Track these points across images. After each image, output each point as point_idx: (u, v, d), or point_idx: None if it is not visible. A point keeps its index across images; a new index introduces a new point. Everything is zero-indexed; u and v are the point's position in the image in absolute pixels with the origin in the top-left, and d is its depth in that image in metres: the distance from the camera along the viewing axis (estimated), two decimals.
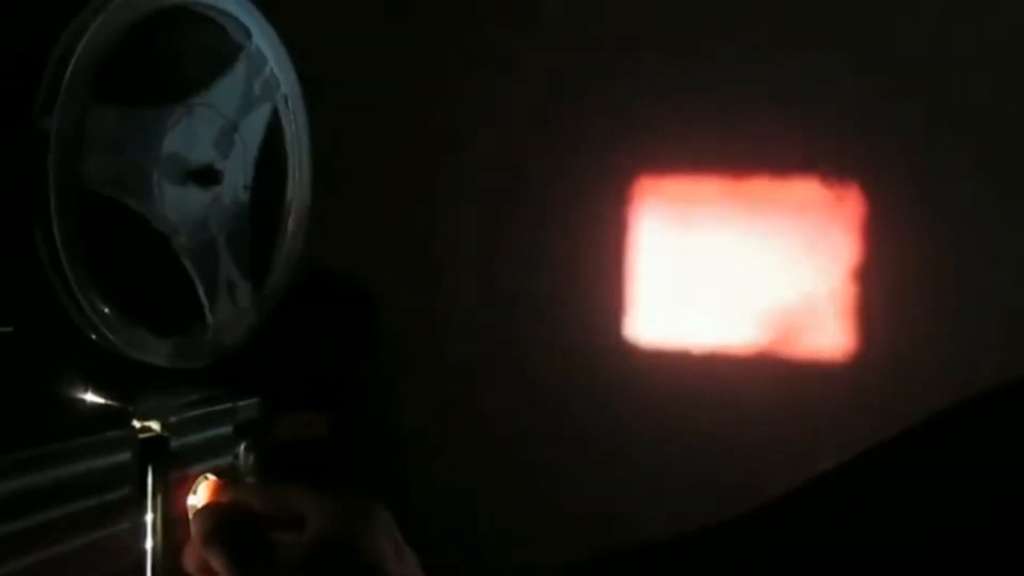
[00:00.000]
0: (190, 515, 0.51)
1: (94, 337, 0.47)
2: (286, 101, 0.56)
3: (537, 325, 1.50)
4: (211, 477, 0.52)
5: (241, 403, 0.54)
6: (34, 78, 0.43)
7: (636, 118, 1.43)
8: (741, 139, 1.38)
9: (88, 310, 0.46)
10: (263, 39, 0.55)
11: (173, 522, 0.49)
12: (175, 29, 0.51)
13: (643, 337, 1.47)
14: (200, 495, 0.51)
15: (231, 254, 0.52)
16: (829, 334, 1.38)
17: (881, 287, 1.35)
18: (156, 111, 0.49)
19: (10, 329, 0.46)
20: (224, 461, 0.53)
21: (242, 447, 0.54)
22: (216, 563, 0.46)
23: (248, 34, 0.55)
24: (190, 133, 0.50)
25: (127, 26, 0.46)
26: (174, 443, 0.49)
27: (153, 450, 0.49)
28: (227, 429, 0.53)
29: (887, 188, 1.34)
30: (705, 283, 1.45)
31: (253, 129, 0.54)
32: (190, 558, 0.48)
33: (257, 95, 0.55)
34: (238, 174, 0.53)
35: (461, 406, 1.52)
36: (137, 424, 0.48)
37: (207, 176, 0.51)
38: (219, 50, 0.54)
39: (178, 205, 0.50)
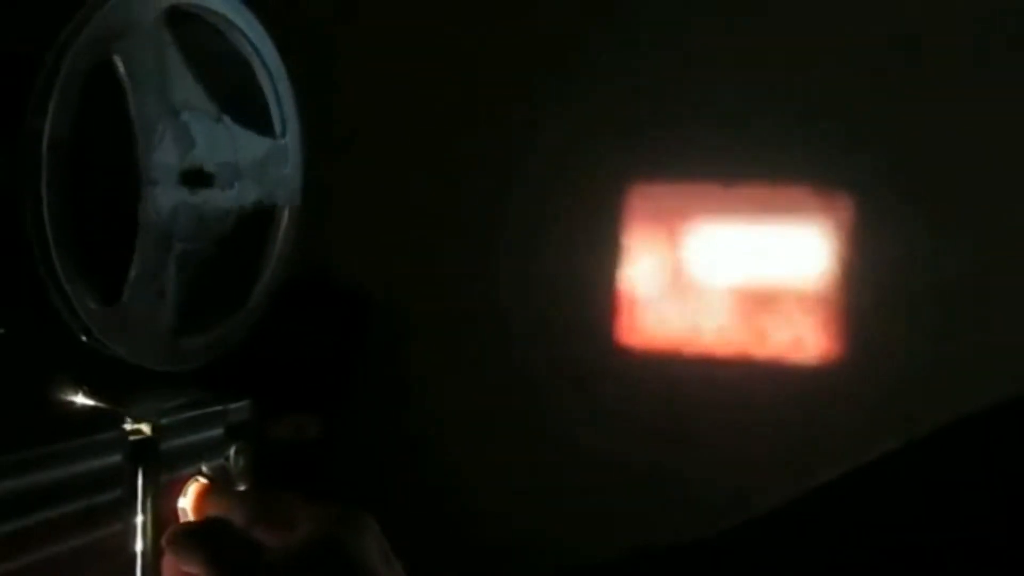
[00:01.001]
0: (181, 518, 0.50)
1: (85, 339, 0.47)
2: (287, 211, 0.57)
3: (531, 326, 1.50)
4: (202, 480, 0.52)
5: (233, 405, 0.54)
6: (29, 78, 0.43)
7: (630, 126, 1.43)
8: (734, 147, 1.39)
9: (80, 312, 0.46)
10: (294, 143, 0.56)
11: (164, 525, 0.49)
12: (232, 61, 0.53)
13: (636, 341, 1.47)
14: (191, 498, 0.51)
15: (177, 273, 0.51)
16: (820, 338, 1.38)
17: (871, 292, 1.36)
18: (194, 81, 0.50)
19: (1, 331, 0.46)
20: (216, 463, 0.53)
21: (233, 449, 0.54)
22: (194, 566, 0.46)
23: (284, 129, 0.56)
24: (207, 132, 0.51)
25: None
26: (165, 445, 0.49)
27: (144, 452, 0.48)
28: (219, 431, 0.53)
29: (878, 196, 1.34)
30: (697, 288, 1.45)
31: (249, 198, 0.54)
32: (167, 572, 0.48)
33: (267, 178, 0.55)
34: (222, 210, 0.53)
35: (454, 409, 1.52)
36: (128, 426, 0.48)
37: (198, 178, 0.51)
38: (258, 114, 0.55)
39: (160, 170, 0.49)
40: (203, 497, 0.50)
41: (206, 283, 0.52)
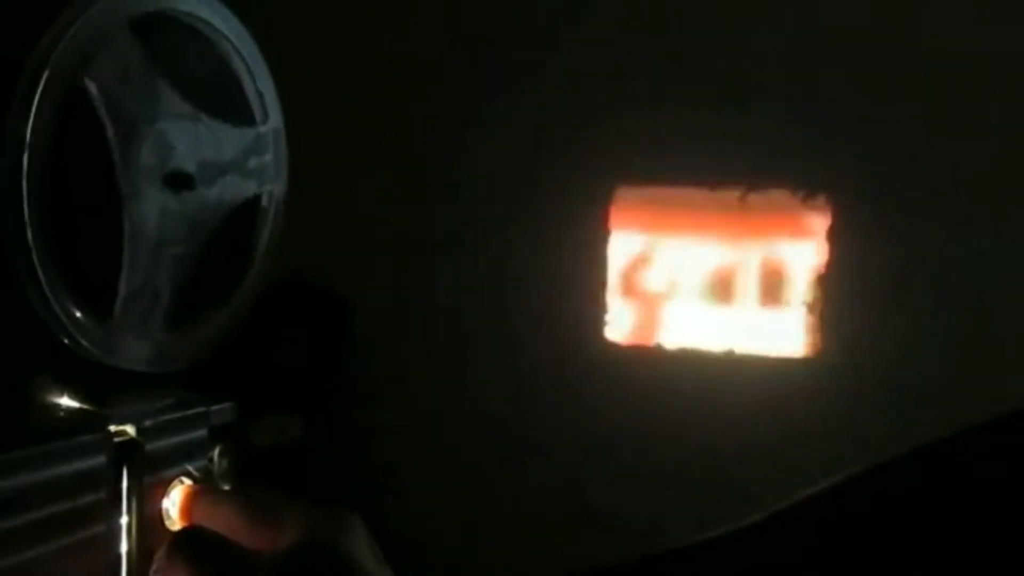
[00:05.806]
0: (165, 519, 0.51)
1: (66, 341, 0.47)
2: (271, 196, 0.56)
3: (518, 327, 1.51)
4: (187, 481, 0.52)
5: (216, 407, 0.54)
6: (11, 82, 0.43)
7: (617, 130, 1.44)
8: (715, 153, 1.40)
9: (60, 315, 0.46)
10: (275, 129, 0.56)
11: (148, 526, 0.49)
12: (208, 57, 0.53)
13: (616, 341, 1.48)
14: (175, 499, 0.51)
15: (169, 278, 0.51)
16: (798, 336, 1.40)
17: (848, 293, 1.38)
18: (166, 85, 0.50)
19: None
20: (199, 465, 0.53)
21: (216, 451, 0.54)
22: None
23: (265, 117, 0.56)
24: (185, 134, 0.51)
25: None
26: (149, 446, 0.49)
27: (127, 453, 0.49)
28: (202, 432, 0.54)
29: (852, 200, 1.36)
30: (677, 289, 1.46)
31: (234, 192, 0.54)
32: None
33: (249, 169, 0.55)
34: (208, 209, 0.53)
35: (441, 407, 1.52)
36: (112, 428, 0.48)
37: (180, 181, 0.51)
38: (237, 106, 0.55)
39: (145, 185, 0.49)
40: (191, 501, 0.50)
41: (192, 285, 0.52)
